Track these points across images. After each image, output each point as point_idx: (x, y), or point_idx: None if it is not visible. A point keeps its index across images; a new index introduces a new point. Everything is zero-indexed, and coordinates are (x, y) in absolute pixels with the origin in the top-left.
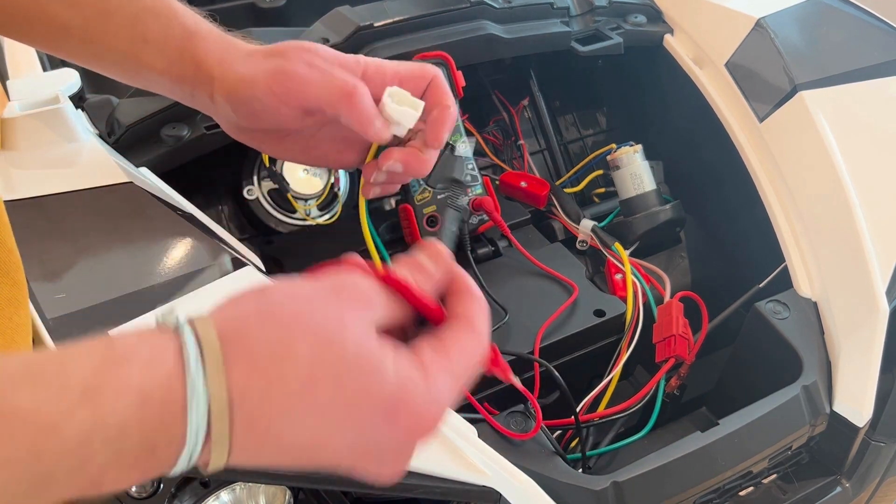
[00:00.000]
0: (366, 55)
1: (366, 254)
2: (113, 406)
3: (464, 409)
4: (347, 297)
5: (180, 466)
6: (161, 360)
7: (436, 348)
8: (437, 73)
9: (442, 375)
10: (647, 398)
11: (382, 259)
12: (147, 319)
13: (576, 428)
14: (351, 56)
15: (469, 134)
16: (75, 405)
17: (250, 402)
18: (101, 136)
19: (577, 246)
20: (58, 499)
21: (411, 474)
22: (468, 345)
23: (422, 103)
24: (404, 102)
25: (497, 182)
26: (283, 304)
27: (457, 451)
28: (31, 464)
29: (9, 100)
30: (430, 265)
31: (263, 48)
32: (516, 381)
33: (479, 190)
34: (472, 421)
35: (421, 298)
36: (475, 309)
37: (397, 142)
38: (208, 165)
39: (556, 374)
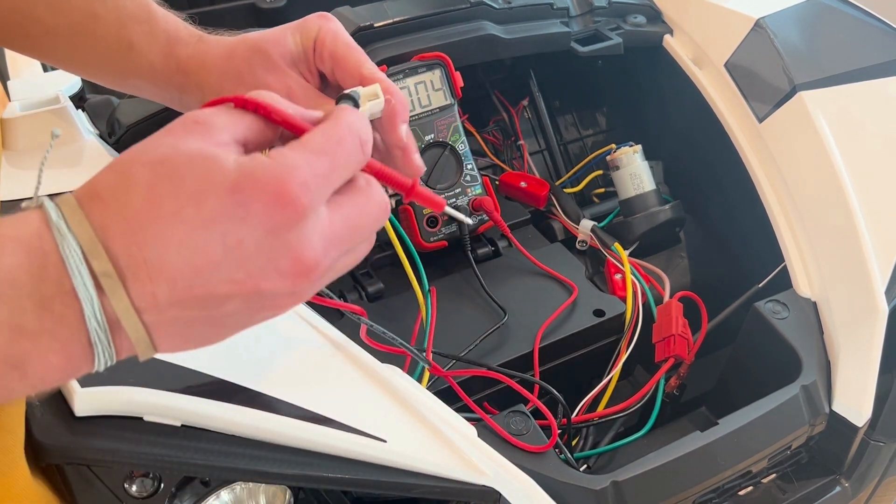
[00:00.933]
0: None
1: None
2: None
3: (463, 409)
4: (181, 129)
5: (94, 332)
6: (26, 220)
7: (291, 145)
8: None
9: (291, 152)
10: (646, 398)
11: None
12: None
13: (565, 430)
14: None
15: (468, 133)
16: None
17: (115, 235)
18: (101, 137)
19: (577, 246)
20: None
21: (411, 474)
22: (328, 127)
23: (374, 86)
24: (367, 97)
25: (497, 182)
26: (124, 156)
27: (457, 450)
28: None
29: (9, 100)
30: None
31: (243, 42)
32: (451, 211)
33: (478, 190)
34: (471, 421)
35: (275, 112)
36: (341, 112)
37: None
38: None
39: (549, 386)
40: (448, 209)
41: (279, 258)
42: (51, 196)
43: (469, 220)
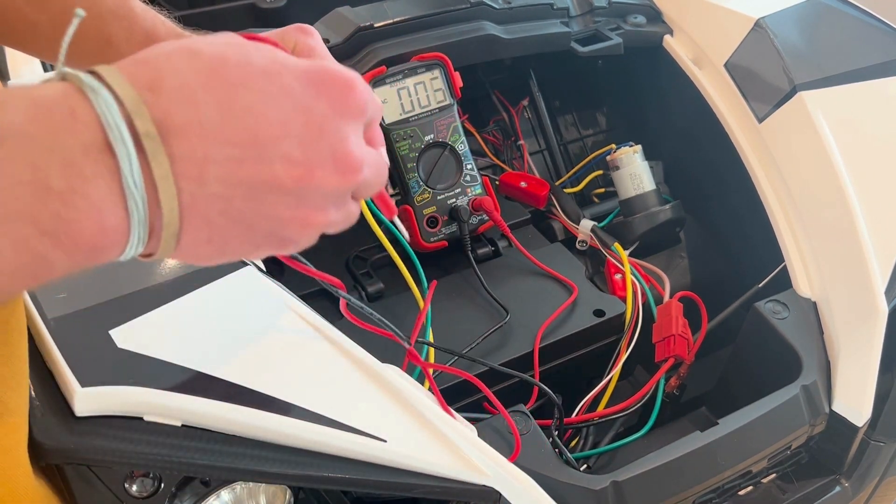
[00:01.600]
0: (366, 56)
1: (365, 254)
2: (4, 108)
3: (463, 409)
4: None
5: (131, 195)
6: (46, 84)
7: None
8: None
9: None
10: (646, 398)
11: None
12: None
13: (560, 429)
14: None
15: (468, 133)
16: None
17: (165, 93)
18: None
19: (577, 246)
20: (12, 252)
21: (411, 474)
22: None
23: None
24: None
25: (497, 182)
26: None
27: (457, 450)
28: None
29: None
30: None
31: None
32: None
33: (478, 190)
34: (472, 421)
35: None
36: None
37: None
38: None
39: (546, 388)
40: (395, 220)
41: (337, 146)
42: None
43: (406, 235)
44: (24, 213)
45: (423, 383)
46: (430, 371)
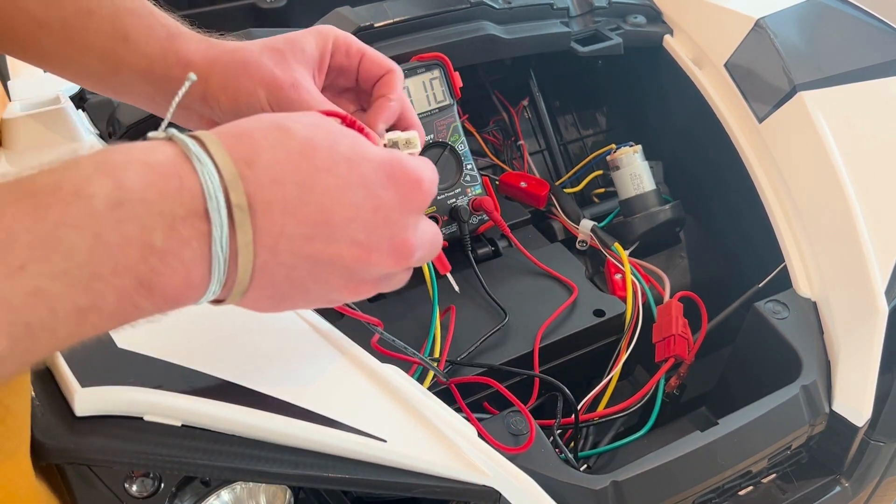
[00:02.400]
0: None
1: None
2: (125, 172)
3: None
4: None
5: (216, 258)
6: (157, 148)
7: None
8: (396, 69)
9: (421, 160)
10: (646, 398)
11: None
12: None
13: (563, 429)
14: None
15: (468, 133)
16: (91, 174)
17: (259, 170)
18: (101, 137)
19: (577, 246)
20: (114, 302)
21: (412, 474)
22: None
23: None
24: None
25: (497, 182)
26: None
27: (457, 450)
28: (69, 238)
29: (10, 100)
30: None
31: (250, 44)
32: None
33: (478, 190)
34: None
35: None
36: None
37: None
38: None
39: (558, 383)
40: (449, 275)
41: (397, 234)
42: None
43: (457, 289)
44: (130, 268)
45: (423, 383)
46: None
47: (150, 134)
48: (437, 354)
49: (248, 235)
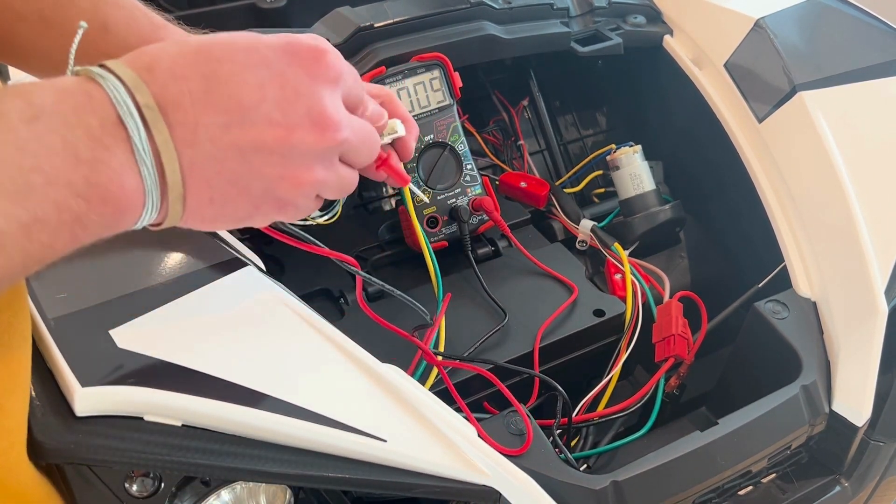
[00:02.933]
0: (366, 56)
1: (366, 254)
2: (34, 93)
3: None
4: None
5: (141, 161)
6: (61, 78)
7: None
8: (391, 94)
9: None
10: (646, 398)
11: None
12: None
13: (563, 429)
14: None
15: (468, 133)
16: (1, 96)
17: (159, 72)
18: None
19: (577, 246)
20: (56, 217)
21: (412, 474)
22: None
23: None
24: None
25: (497, 182)
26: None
27: (457, 450)
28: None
29: None
30: None
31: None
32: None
33: (478, 190)
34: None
35: None
36: None
37: None
38: None
39: (555, 384)
40: (411, 186)
41: (313, 107)
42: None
43: (425, 199)
44: (61, 178)
45: (425, 383)
46: (456, 375)
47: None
48: (441, 349)
49: (164, 133)
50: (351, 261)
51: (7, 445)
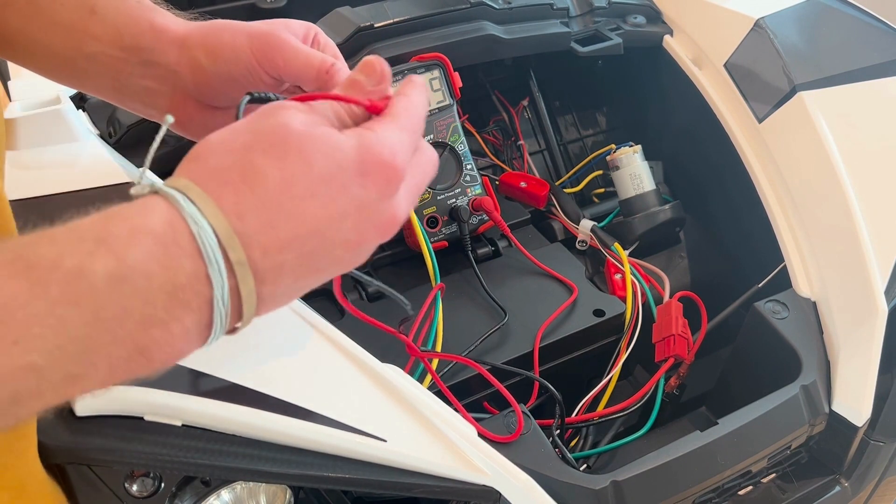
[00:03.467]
0: (365, 56)
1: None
2: (127, 246)
3: (464, 407)
4: (284, 107)
5: (218, 316)
6: (152, 208)
7: (377, 119)
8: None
9: (389, 131)
10: (646, 398)
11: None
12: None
13: (563, 428)
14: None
15: (468, 133)
16: (93, 249)
17: (247, 216)
18: (101, 137)
19: (577, 246)
20: (107, 370)
21: (412, 474)
22: (405, 103)
23: None
24: None
25: (497, 182)
26: (228, 137)
27: (457, 450)
28: (67, 315)
29: (10, 100)
30: (363, 79)
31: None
32: None
33: (478, 190)
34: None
35: (354, 101)
36: (410, 88)
37: None
38: None
39: (548, 384)
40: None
41: (384, 221)
42: (142, 183)
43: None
44: (129, 339)
45: (423, 382)
46: (434, 364)
47: (134, 190)
48: (439, 348)
49: (250, 286)
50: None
51: (26, 445)
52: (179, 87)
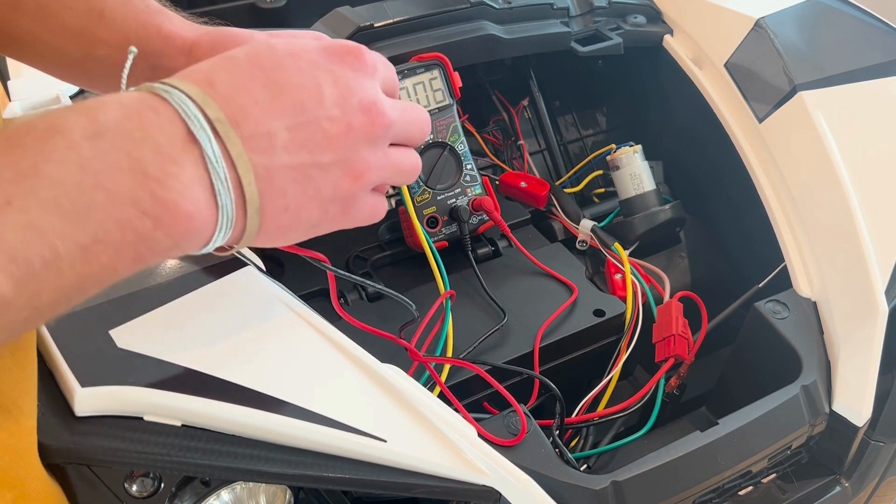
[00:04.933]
0: None
1: (365, 254)
2: (97, 111)
3: (464, 408)
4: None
5: (214, 173)
6: (125, 94)
7: None
8: None
9: None
10: (646, 398)
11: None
12: None
13: (563, 428)
14: None
15: (468, 133)
16: (65, 113)
17: (222, 87)
18: None
19: (577, 246)
20: (119, 238)
21: (412, 474)
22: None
23: None
24: None
25: (497, 182)
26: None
27: (457, 450)
28: (51, 171)
29: (10, 100)
30: None
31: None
32: None
33: (478, 190)
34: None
35: None
36: None
37: None
38: None
39: (549, 382)
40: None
41: (363, 98)
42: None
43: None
44: (126, 196)
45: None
46: (444, 372)
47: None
48: (449, 354)
49: (237, 145)
50: (321, 257)
51: (27, 446)
52: None
